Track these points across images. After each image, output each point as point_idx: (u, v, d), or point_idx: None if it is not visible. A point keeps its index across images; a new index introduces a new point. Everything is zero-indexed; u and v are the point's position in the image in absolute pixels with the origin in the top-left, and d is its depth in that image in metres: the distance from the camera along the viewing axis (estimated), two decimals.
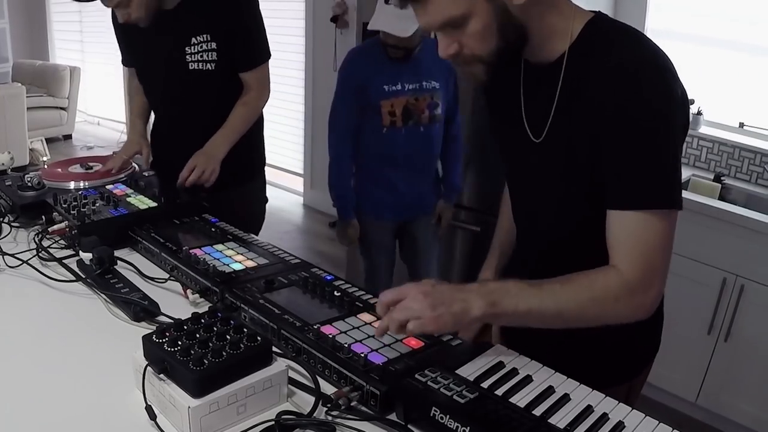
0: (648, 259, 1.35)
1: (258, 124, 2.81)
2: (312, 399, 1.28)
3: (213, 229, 2.04)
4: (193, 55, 2.55)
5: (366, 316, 1.52)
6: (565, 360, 1.41)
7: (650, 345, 1.71)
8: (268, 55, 2.73)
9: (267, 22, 2.66)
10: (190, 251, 1.83)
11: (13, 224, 2.09)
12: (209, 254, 1.85)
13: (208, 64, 2.56)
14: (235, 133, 2.63)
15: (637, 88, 1.30)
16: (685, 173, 3.86)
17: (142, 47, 2.66)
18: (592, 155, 1.37)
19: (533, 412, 1.22)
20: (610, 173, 1.36)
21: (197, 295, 1.69)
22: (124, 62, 2.87)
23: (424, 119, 3.19)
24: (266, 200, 3.03)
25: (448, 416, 1.17)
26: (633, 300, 1.37)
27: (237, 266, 1.78)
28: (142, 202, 2.14)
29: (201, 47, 2.54)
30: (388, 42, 3.04)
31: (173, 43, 2.54)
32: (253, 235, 2.03)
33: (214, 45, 2.54)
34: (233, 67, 2.63)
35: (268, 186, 3.03)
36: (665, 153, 1.33)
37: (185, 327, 1.29)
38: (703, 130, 4.00)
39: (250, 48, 2.65)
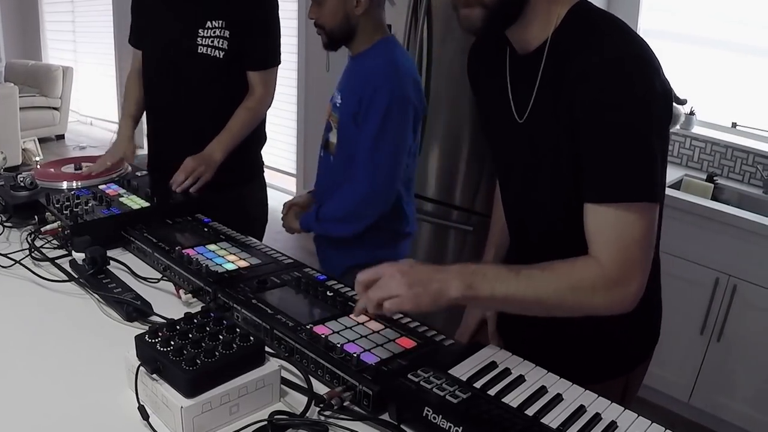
0: (626, 253, 1.34)
1: (258, 127, 2.81)
2: (305, 399, 1.28)
3: (206, 229, 2.04)
4: (204, 39, 2.55)
5: (358, 316, 1.52)
6: (562, 353, 1.41)
7: (647, 338, 1.71)
8: (279, 60, 2.72)
9: None
10: (183, 251, 1.82)
11: (5, 224, 2.09)
12: (202, 254, 1.84)
13: (217, 51, 2.56)
14: (234, 138, 2.62)
15: (616, 80, 1.31)
16: (678, 173, 3.87)
17: (156, 24, 2.65)
18: (573, 144, 1.38)
19: (526, 411, 1.22)
20: (586, 166, 1.37)
21: (190, 295, 1.69)
22: (132, 41, 2.84)
23: (324, 140, 2.49)
24: (266, 204, 3.02)
25: (440, 416, 1.17)
26: (611, 292, 1.35)
27: (230, 266, 1.78)
28: (134, 202, 2.13)
29: (214, 32, 2.54)
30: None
31: (188, 24, 2.54)
32: (246, 236, 2.03)
33: (227, 33, 2.55)
34: (242, 61, 2.62)
35: None
36: (641, 145, 1.32)
37: (178, 327, 1.29)
38: (696, 130, 4.01)
39: (263, 47, 2.65)
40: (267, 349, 1.31)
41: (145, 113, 2.87)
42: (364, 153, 2.26)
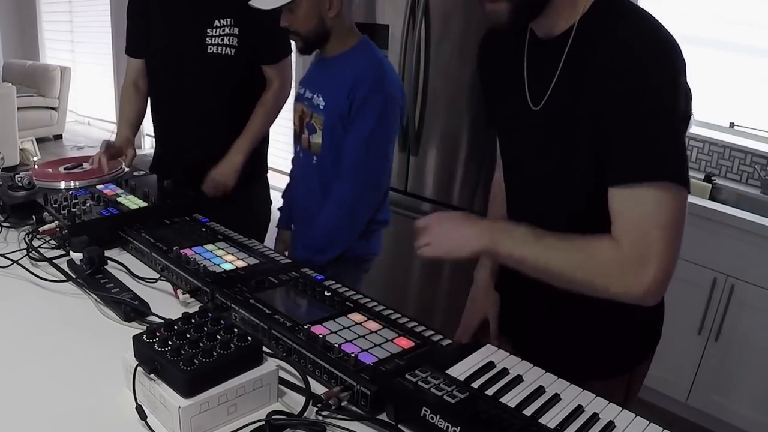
0: (644, 235, 1.32)
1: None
2: (302, 399, 1.28)
3: (203, 229, 2.04)
4: (213, 38, 2.56)
5: (356, 316, 1.52)
6: (567, 351, 1.40)
7: (651, 333, 1.70)
8: (290, 50, 2.74)
9: None
10: (181, 251, 1.82)
11: (3, 224, 2.08)
12: (199, 254, 1.84)
13: (228, 49, 2.58)
14: (253, 137, 2.68)
15: (644, 64, 1.30)
16: None
17: (162, 29, 2.65)
18: (595, 128, 1.37)
19: (524, 412, 1.22)
20: (610, 149, 1.36)
21: (188, 295, 1.69)
22: (131, 51, 2.84)
23: (304, 141, 2.46)
24: (270, 203, 3.06)
25: (438, 416, 1.17)
26: (625, 276, 1.34)
27: (227, 266, 1.77)
28: (132, 202, 2.13)
29: (223, 31, 2.56)
30: None
31: (195, 25, 2.55)
32: (243, 236, 2.03)
33: (236, 30, 2.57)
34: (254, 57, 2.65)
35: None
36: (666, 127, 1.31)
37: (176, 327, 1.29)
38: (694, 130, 4.01)
39: (272, 40, 2.66)
40: (265, 349, 1.31)
41: (151, 115, 2.89)
42: (352, 153, 2.28)
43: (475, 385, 1.29)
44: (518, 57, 1.56)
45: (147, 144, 8.70)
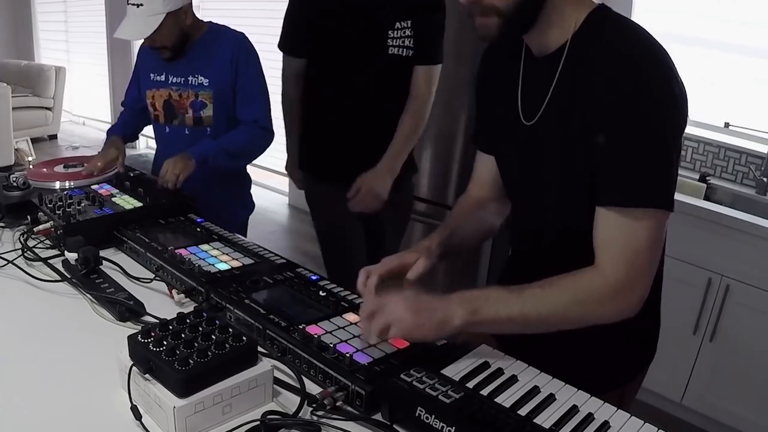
0: (633, 260, 1.35)
1: None
2: (297, 399, 1.28)
3: (198, 229, 2.04)
4: (394, 40, 2.65)
5: (351, 316, 1.52)
6: (558, 365, 1.40)
7: (645, 351, 1.71)
8: (442, 59, 2.83)
9: (257, 22, 2.72)
10: (176, 251, 1.82)
11: None
12: (194, 254, 1.84)
13: (406, 50, 2.68)
14: (405, 151, 2.82)
15: (638, 85, 1.30)
16: None
17: (339, 30, 2.67)
18: (588, 145, 1.36)
19: (518, 412, 1.22)
20: (602, 169, 1.36)
21: (182, 295, 1.69)
22: (294, 51, 2.84)
23: (188, 120, 2.74)
24: (412, 202, 3.26)
25: (433, 416, 1.17)
26: (616, 301, 1.36)
27: (222, 266, 1.77)
28: (127, 202, 2.13)
29: (403, 33, 2.66)
30: None
31: (377, 27, 2.64)
32: (238, 235, 2.03)
33: (412, 33, 2.68)
34: (419, 58, 2.76)
35: (253, 186, 3.05)
36: (659, 152, 1.32)
37: (170, 327, 1.29)
38: (689, 130, 3.98)
39: (435, 43, 2.77)
40: (259, 349, 1.31)
41: (306, 114, 2.97)
42: (253, 96, 2.74)
43: (470, 385, 1.29)
44: (514, 74, 1.56)
45: (142, 144, 8.69)
